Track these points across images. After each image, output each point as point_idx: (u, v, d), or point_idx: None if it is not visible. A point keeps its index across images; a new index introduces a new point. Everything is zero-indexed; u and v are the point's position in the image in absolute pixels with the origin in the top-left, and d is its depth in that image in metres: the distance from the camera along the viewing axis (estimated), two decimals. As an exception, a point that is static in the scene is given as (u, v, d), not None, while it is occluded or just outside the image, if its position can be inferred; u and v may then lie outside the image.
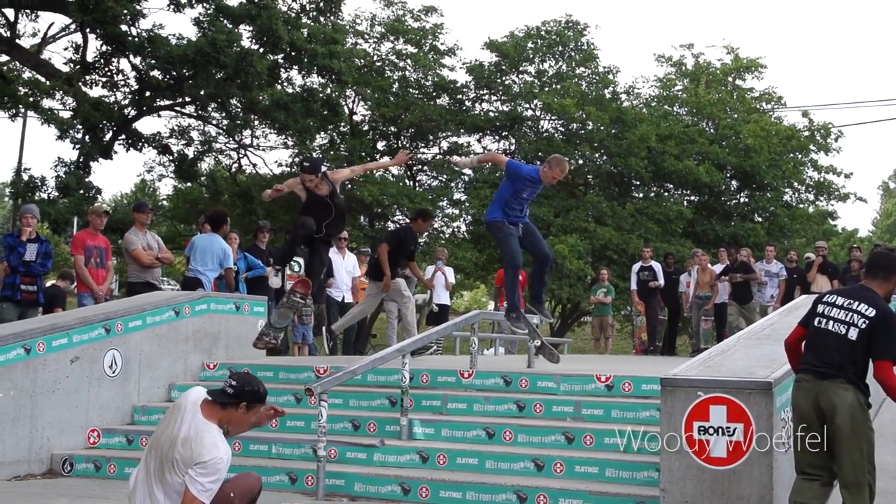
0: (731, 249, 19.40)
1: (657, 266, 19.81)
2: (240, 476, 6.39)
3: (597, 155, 30.24)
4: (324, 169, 11.36)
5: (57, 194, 23.84)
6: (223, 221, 13.84)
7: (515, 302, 11.03)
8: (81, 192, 23.65)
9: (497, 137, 31.33)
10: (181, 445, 5.86)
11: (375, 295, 12.89)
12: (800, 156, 31.90)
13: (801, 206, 32.41)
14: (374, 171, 10.53)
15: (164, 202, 34.52)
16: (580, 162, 30.86)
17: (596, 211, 28.47)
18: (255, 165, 31.85)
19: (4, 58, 25.87)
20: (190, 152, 29.22)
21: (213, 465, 5.73)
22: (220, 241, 13.55)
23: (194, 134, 29.63)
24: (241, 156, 31.26)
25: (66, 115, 25.54)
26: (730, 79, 33.93)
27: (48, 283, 14.89)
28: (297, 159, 30.61)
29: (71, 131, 24.40)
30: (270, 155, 39.01)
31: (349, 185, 27.72)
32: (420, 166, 31.05)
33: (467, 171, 28.18)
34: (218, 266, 13.38)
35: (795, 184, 32.12)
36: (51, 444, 9.90)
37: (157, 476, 5.95)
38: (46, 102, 25.45)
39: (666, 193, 31.50)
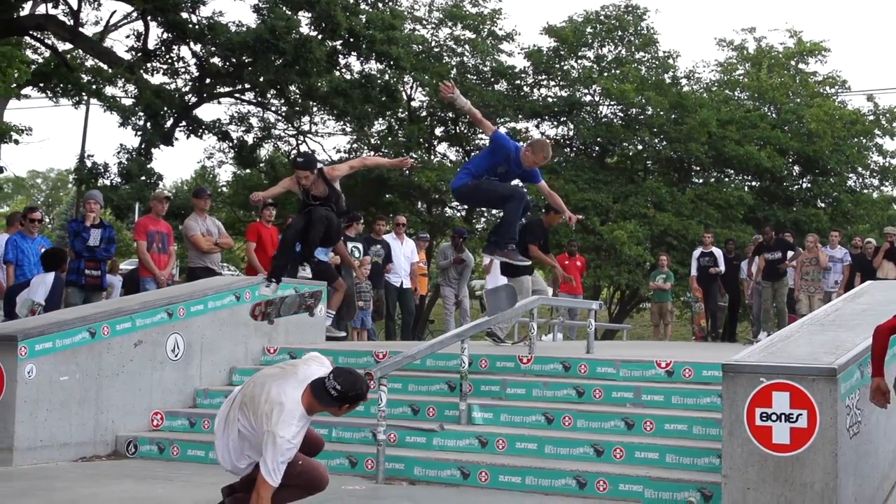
0: (767, 228, 19.13)
1: (718, 252, 19.61)
2: (315, 461, 6.38)
3: (656, 140, 29.99)
4: (320, 166, 10.79)
5: (119, 181, 24.17)
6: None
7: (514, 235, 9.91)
8: (143, 178, 23.97)
9: (555, 123, 31.19)
10: (267, 401, 5.88)
11: (524, 290, 12.72)
12: (864, 140, 31.40)
13: (865, 191, 31.92)
14: (388, 166, 10.20)
15: (224, 188, 34.82)
16: (639, 147, 30.63)
17: (655, 196, 28.24)
18: (314, 152, 31.95)
19: (68, 46, 26.24)
20: (249, 139, 29.47)
21: (282, 444, 5.74)
22: None
23: (253, 120, 29.89)
24: (299, 142, 31.45)
25: (128, 102, 25.92)
26: (792, 63, 33.44)
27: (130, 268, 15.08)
28: (355, 146, 30.73)
29: (133, 118, 24.74)
30: (329, 141, 39.43)
31: (406, 172, 27.78)
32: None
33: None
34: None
35: (859, 169, 31.65)
36: (115, 427, 10.05)
37: (238, 407, 6.02)
38: (109, 90, 25.83)
39: (726, 179, 31.18)
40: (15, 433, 9.17)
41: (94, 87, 25.25)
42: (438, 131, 30.94)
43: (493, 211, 30.77)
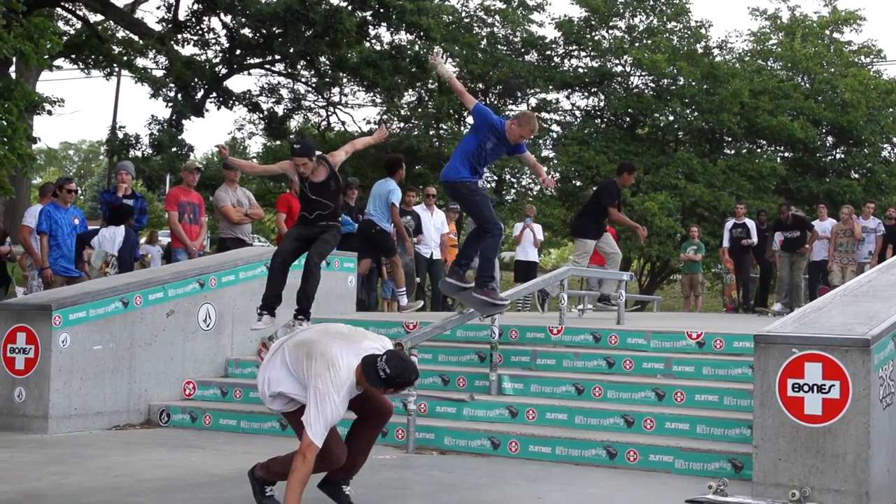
0: (783, 206, 18.93)
1: (751, 223, 19.49)
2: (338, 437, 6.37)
3: (688, 111, 29.76)
4: (320, 153, 10.04)
5: (151, 152, 24.29)
6: (398, 166, 13.97)
7: (493, 274, 9.58)
8: (174, 149, 24.07)
9: (586, 94, 31.02)
10: (323, 354, 5.84)
11: (587, 254, 12.72)
12: (899, 110, 31.04)
13: (901, 162, 31.58)
14: (373, 143, 10.08)
15: (255, 160, 34.90)
16: (671, 118, 30.42)
17: (686, 168, 28.06)
18: (343, 123, 31.99)
19: (99, 17, 26.32)
20: (279, 110, 29.51)
21: (329, 407, 5.68)
22: (388, 184, 13.52)
23: (284, 92, 29.91)
24: (329, 113, 31.47)
25: (158, 73, 25.99)
26: (827, 32, 33.04)
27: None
28: (384, 116, 30.69)
29: (163, 90, 24.83)
30: (359, 112, 39.41)
31: (436, 142, 27.76)
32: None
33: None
34: (387, 210, 13.45)
35: (894, 139, 31.28)
36: (148, 396, 10.14)
37: (295, 343, 6.04)
38: (140, 61, 25.92)
39: (759, 150, 30.92)
40: (50, 401, 9.28)
41: (125, 58, 25.34)
42: (468, 102, 30.83)
43: (522, 183, 30.80)
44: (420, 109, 29.69)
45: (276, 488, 6.21)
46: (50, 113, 20.81)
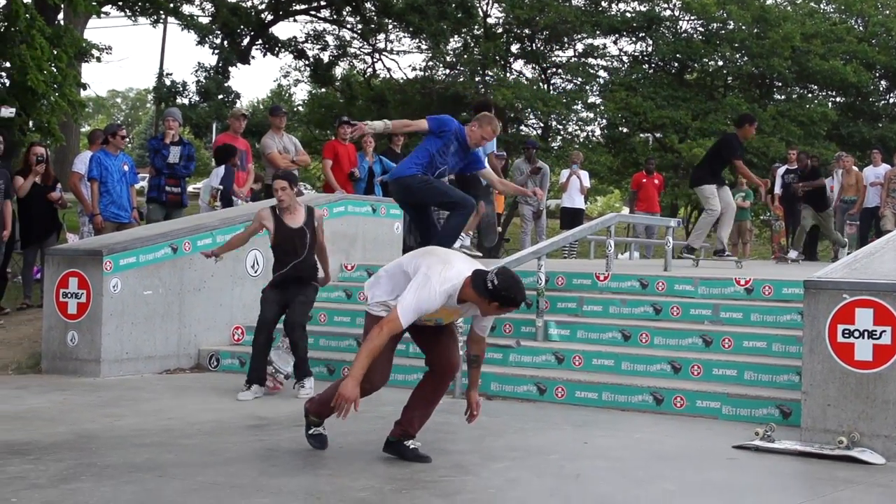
0: (802, 154, 18.56)
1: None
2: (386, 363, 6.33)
3: (737, 56, 29.32)
4: (303, 189, 9.49)
5: (197, 99, 24.38)
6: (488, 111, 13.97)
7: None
8: (221, 96, 24.13)
9: (634, 39, 30.62)
10: (440, 255, 5.91)
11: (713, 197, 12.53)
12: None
13: (955, 106, 30.97)
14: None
15: (300, 107, 34.94)
16: (720, 63, 29.99)
17: (736, 113, 27.63)
18: (389, 70, 31.93)
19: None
20: (325, 57, 29.44)
21: (427, 290, 5.69)
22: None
23: (329, 38, 29.83)
24: (375, 60, 31.38)
25: (205, 20, 25.97)
26: (881, -27, 32.33)
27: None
28: (430, 63, 30.50)
29: (210, 37, 24.83)
30: (404, 59, 39.22)
31: (482, 89, 27.59)
32: (554, 69, 30.60)
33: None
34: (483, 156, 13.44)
35: (950, 83, 30.68)
36: (198, 340, 10.26)
37: (414, 253, 6.11)
38: (186, 8, 25.91)
39: (810, 95, 30.44)
40: (102, 346, 9.42)
41: (171, 5, 25.34)
42: (515, 48, 30.54)
43: (569, 130, 30.55)
44: (466, 56, 29.46)
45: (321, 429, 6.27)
46: (99, 60, 20.92)
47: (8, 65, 16.36)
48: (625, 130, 28.72)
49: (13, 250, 12.30)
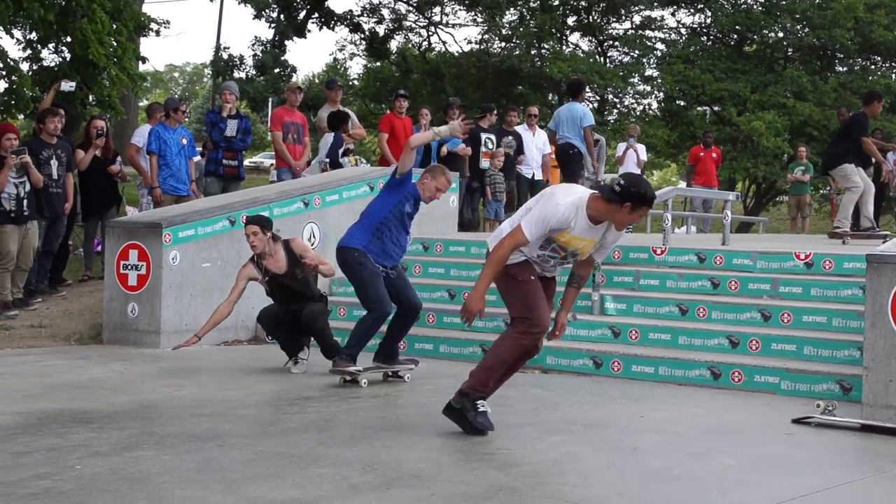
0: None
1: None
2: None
3: (798, 27, 28.81)
4: (281, 235, 8.82)
5: (254, 73, 24.48)
6: (581, 88, 14.50)
7: (354, 354, 7.88)
8: (277, 70, 24.21)
9: (692, 10, 30.19)
10: (549, 192, 5.92)
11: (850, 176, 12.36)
12: None
13: None
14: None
15: (355, 81, 34.98)
16: (780, 35, 29.51)
17: (795, 86, 27.24)
18: (444, 43, 31.79)
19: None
20: (380, 30, 29.41)
21: (552, 206, 5.70)
22: (578, 108, 13.89)
23: (385, 12, 29.78)
24: (430, 33, 31.29)
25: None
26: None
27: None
28: (485, 36, 30.35)
29: (266, 10, 24.90)
30: (460, 32, 39.02)
31: (538, 62, 27.43)
32: (611, 42, 30.33)
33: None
34: (580, 130, 13.71)
35: None
36: (255, 312, 10.29)
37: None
38: (243, -18, 25.97)
39: (873, 66, 29.84)
40: (161, 317, 9.54)
41: (228, -21, 25.48)
42: (571, 21, 30.29)
43: (625, 103, 30.25)
44: (522, 28, 29.27)
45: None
46: (158, 34, 21.05)
47: (69, 39, 16.53)
48: (682, 104, 28.38)
49: (74, 223, 12.47)
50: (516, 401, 7.40)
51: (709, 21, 29.80)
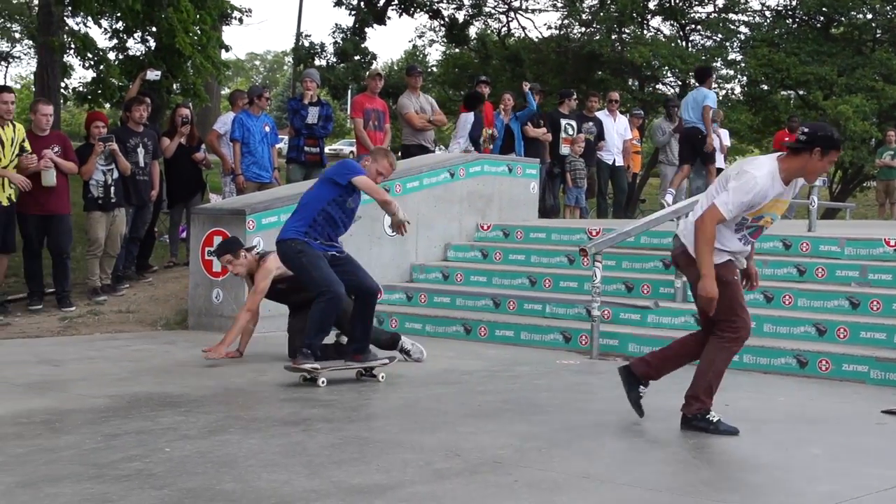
0: None
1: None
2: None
3: (888, 7, 28.14)
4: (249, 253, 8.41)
5: (335, 60, 24.62)
6: (708, 75, 14.78)
7: (314, 343, 7.23)
8: (357, 57, 24.31)
9: (779, -6, 29.67)
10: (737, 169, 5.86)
11: None
12: None
13: None
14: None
15: (434, 68, 34.99)
16: (868, 16, 28.85)
17: (885, 69, 26.58)
18: (524, 29, 31.69)
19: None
20: (460, 16, 29.38)
21: (747, 180, 5.62)
22: (703, 92, 14.19)
23: (464, -3, 29.70)
24: (510, 19, 31.16)
25: (341, -19, 26.16)
26: None
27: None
28: (565, 21, 30.16)
29: (347, -3, 24.99)
30: (540, 18, 38.77)
31: (619, 47, 27.18)
32: (693, 25, 29.91)
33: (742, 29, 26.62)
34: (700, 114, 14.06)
35: None
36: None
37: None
38: (323, -30, 26.09)
39: (965, 48, 29.04)
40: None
41: (309, -33, 25.67)
42: (652, 5, 29.88)
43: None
44: (602, 13, 29.01)
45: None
46: (241, 21, 21.31)
47: (154, 29, 16.79)
48: (766, 88, 27.89)
49: (160, 210, 12.68)
50: (599, 388, 7.37)
51: (794, 3, 29.23)
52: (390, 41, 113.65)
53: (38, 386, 6.91)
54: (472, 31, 30.83)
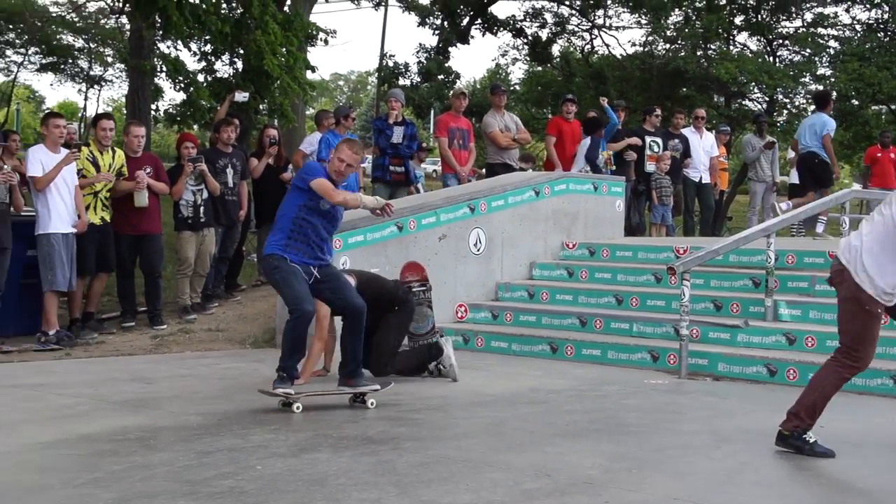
0: None
1: None
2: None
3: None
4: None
5: (419, 79, 24.77)
6: (829, 100, 14.79)
7: (289, 365, 6.96)
8: (441, 76, 24.44)
9: (867, 5, 29.11)
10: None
11: None
12: None
13: None
14: None
15: (516, 86, 35.03)
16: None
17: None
18: (608, 46, 31.55)
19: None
20: (543, 35, 29.39)
21: None
22: (822, 118, 14.14)
23: (547, 16, 29.73)
24: (593, 36, 31.09)
25: (425, 1, 26.36)
26: None
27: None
28: (650, 38, 29.95)
29: (430, 17, 25.17)
30: (623, 35, 38.64)
31: (704, 63, 26.91)
32: (780, 41, 29.50)
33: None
34: (819, 139, 13.98)
35: None
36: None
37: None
38: (408, -11, 26.36)
39: None
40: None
41: (394, -12, 25.91)
42: (738, 20, 29.60)
43: (796, 103, 29.38)
44: (687, 30, 28.78)
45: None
46: (326, 43, 21.57)
47: (242, 51, 17.06)
48: (856, 103, 27.38)
49: (248, 230, 12.85)
50: (689, 408, 7.27)
51: (886, 17, 28.67)
52: (473, 60, 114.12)
53: (132, 403, 7.03)
54: (556, 49, 30.83)
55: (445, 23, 25.62)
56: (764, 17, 29.06)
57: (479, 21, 27.03)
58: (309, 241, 7.03)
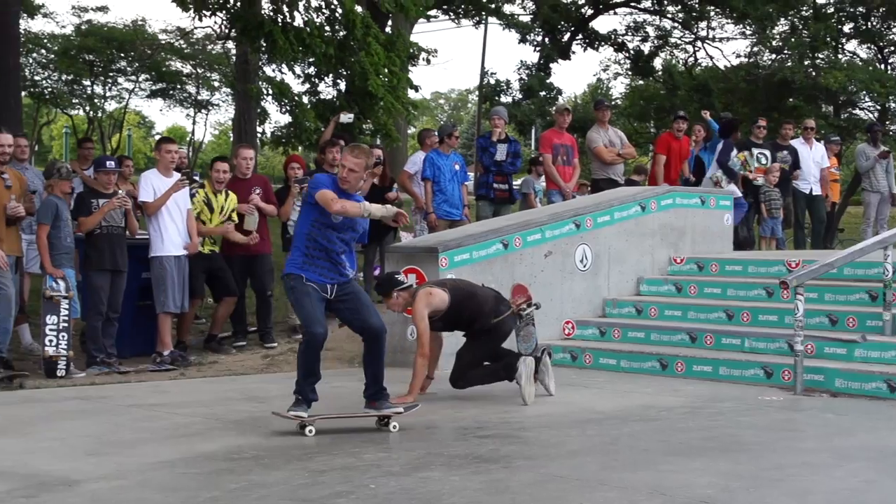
0: None
1: None
2: None
3: None
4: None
5: (521, 96, 24.78)
6: None
7: (304, 388, 6.85)
8: (543, 93, 24.41)
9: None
10: None
11: None
12: None
13: None
14: None
15: (618, 101, 34.80)
16: None
17: None
18: (712, 58, 31.16)
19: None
20: (645, 48, 29.16)
21: None
22: None
23: (650, 29, 29.50)
24: (696, 49, 30.74)
25: (525, 18, 26.39)
26: None
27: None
28: (755, 49, 29.47)
29: (531, 34, 25.18)
30: (728, 46, 38.14)
31: (812, 72, 26.38)
32: (892, 48, 28.76)
33: None
34: None
35: None
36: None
37: None
38: (507, 8, 26.41)
39: None
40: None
41: (493, 5, 25.92)
42: (847, 28, 28.96)
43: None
44: (794, 39, 28.26)
45: None
46: (428, 62, 21.71)
47: (344, 72, 17.26)
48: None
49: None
50: (806, 425, 7.11)
51: None
52: (574, 75, 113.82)
53: (247, 422, 7.14)
54: (658, 63, 30.56)
55: (546, 39, 25.60)
56: (874, 23, 28.37)
57: (580, 36, 26.96)
58: (328, 255, 6.88)
